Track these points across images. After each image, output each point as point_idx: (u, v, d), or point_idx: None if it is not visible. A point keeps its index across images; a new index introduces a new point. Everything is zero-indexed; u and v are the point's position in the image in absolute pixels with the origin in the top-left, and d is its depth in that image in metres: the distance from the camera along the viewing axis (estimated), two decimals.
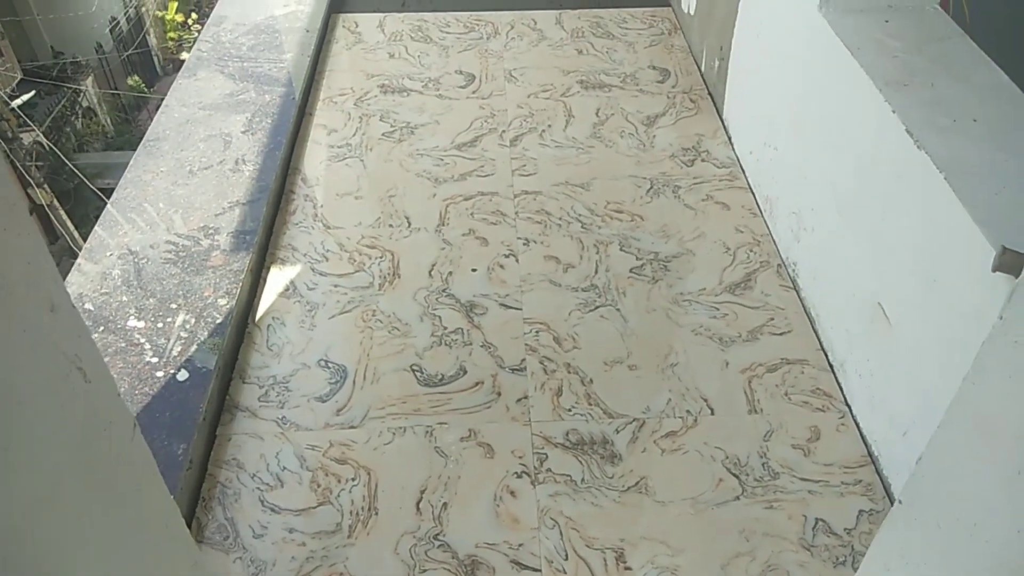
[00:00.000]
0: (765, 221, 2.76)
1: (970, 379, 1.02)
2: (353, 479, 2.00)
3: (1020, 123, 1.88)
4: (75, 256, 10.77)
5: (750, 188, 2.91)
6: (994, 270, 1.48)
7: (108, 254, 2.47)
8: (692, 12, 3.69)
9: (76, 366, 0.82)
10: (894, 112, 1.91)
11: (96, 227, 2.56)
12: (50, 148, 11.81)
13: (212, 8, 3.98)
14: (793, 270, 2.54)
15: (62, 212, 11.38)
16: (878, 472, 2.01)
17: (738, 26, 3.05)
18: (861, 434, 2.10)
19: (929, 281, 1.76)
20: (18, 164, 10.60)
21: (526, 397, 2.20)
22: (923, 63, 2.08)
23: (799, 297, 2.48)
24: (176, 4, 16.80)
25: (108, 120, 15.13)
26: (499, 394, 2.21)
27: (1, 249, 0.69)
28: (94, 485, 0.95)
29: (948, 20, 2.25)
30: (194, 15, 17.30)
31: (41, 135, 11.83)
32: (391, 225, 2.76)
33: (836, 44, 2.20)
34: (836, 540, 1.88)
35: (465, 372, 2.27)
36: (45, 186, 11.15)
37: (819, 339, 2.35)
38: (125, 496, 1.05)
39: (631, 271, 2.58)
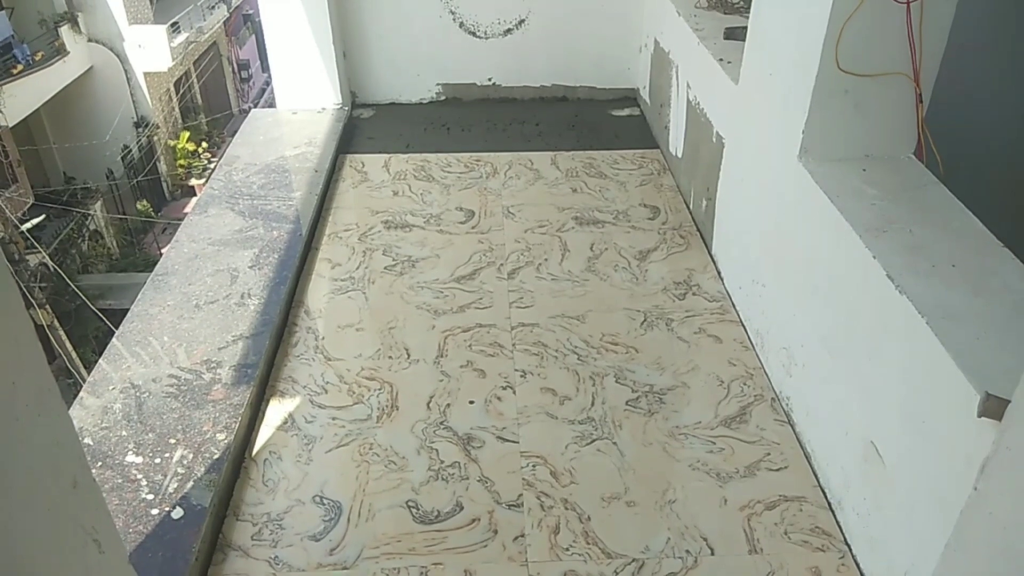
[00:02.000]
0: (757, 355, 2.81)
1: (951, 547, 1.03)
2: None
3: (996, 268, 1.96)
4: (71, 376, 10.66)
5: (741, 322, 2.98)
6: (979, 415, 1.52)
7: (111, 388, 2.50)
8: (680, 155, 3.90)
9: (93, 538, 0.84)
10: (875, 258, 2.00)
11: (100, 361, 2.61)
12: (54, 270, 12.01)
13: (222, 138, 4.19)
14: (787, 404, 2.57)
15: (62, 332, 11.43)
16: None
17: (723, 169, 3.22)
18: (862, 575, 2.07)
19: (918, 422, 1.79)
20: (22, 285, 10.74)
21: (523, 535, 2.17)
22: (900, 210, 2.19)
23: (794, 432, 2.49)
24: (188, 134, 17.53)
25: (114, 243, 15.47)
26: (496, 532, 2.18)
27: (32, 434, 0.73)
28: None
29: (922, 169, 2.38)
30: (204, 143, 18.02)
31: (47, 257, 12.07)
32: (390, 357, 2.81)
33: (816, 191, 2.32)
34: None
35: (461, 508, 2.25)
36: (47, 307, 11.26)
37: (816, 476, 2.35)
38: None
39: (627, 403, 2.61)
